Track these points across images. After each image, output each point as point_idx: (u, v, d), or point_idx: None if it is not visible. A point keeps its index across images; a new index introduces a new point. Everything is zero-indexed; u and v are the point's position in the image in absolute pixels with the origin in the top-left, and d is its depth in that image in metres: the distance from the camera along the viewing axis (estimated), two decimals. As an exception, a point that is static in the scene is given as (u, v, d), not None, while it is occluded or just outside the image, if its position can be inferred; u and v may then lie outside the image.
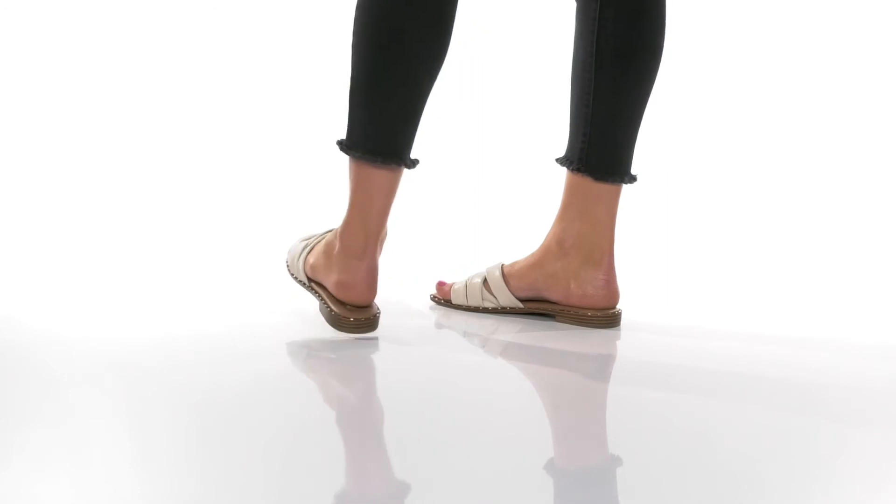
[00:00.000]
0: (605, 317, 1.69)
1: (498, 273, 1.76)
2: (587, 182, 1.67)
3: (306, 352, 1.60)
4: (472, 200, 2.58)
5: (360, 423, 1.33)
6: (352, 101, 1.60)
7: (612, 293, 1.70)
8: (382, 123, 1.59)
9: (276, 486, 1.08)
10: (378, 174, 1.60)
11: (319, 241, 1.71)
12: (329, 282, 1.65)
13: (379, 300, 1.66)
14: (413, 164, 1.62)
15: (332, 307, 1.63)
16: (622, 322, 1.71)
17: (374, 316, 1.63)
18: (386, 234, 1.74)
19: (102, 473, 1.11)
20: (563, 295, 1.70)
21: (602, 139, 1.66)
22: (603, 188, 1.67)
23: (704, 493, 1.08)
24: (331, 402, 1.41)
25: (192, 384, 1.41)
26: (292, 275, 1.75)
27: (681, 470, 1.14)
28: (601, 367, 1.57)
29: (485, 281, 1.77)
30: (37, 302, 1.86)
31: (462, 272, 1.85)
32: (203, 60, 3.07)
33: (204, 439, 1.21)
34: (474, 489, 1.10)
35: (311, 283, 1.70)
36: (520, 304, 1.74)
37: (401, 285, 1.89)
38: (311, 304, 1.80)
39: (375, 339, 1.63)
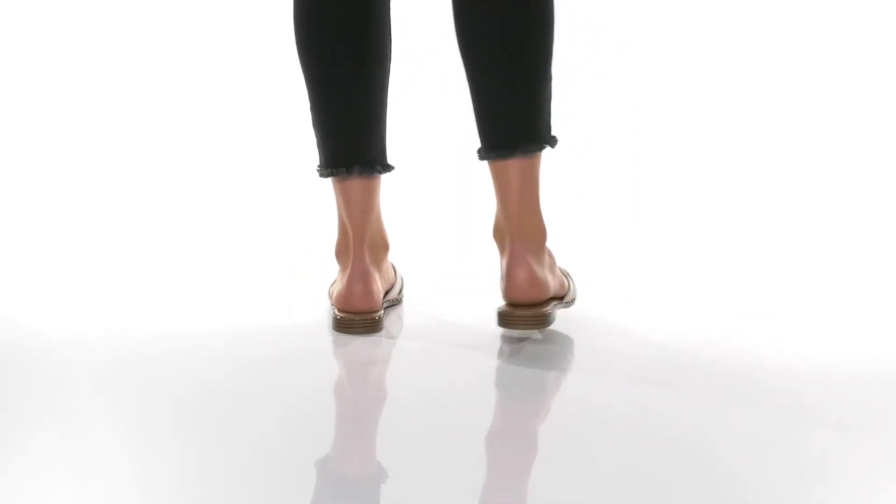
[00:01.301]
0: (512, 316, 1.56)
1: None
2: (487, 165, 1.61)
3: (305, 350, 1.60)
4: (471, 198, 2.58)
5: (354, 418, 1.33)
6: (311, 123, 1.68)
7: (511, 285, 1.56)
8: (328, 138, 1.65)
9: (274, 484, 1.08)
10: (345, 186, 1.65)
11: None
12: (333, 297, 1.69)
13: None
14: (381, 169, 1.66)
15: (335, 314, 1.66)
16: (613, 323, 1.68)
17: (374, 318, 1.64)
18: (385, 244, 1.74)
19: (103, 473, 1.11)
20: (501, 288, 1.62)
21: (480, 119, 1.60)
22: (496, 166, 1.59)
23: (703, 495, 1.08)
24: (325, 397, 1.41)
25: (192, 383, 1.41)
26: None
27: (677, 472, 1.14)
28: (600, 369, 1.56)
29: None
30: (37, 302, 1.86)
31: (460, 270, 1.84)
32: (205, 62, 3.06)
33: (203, 438, 1.21)
34: (468, 487, 1.10)
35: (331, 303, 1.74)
36: None
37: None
38: (311, 303, 1.80)
39: (374, 338, 1.63)
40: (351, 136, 1.65)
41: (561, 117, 1.67)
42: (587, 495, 1.07)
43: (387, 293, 1.78)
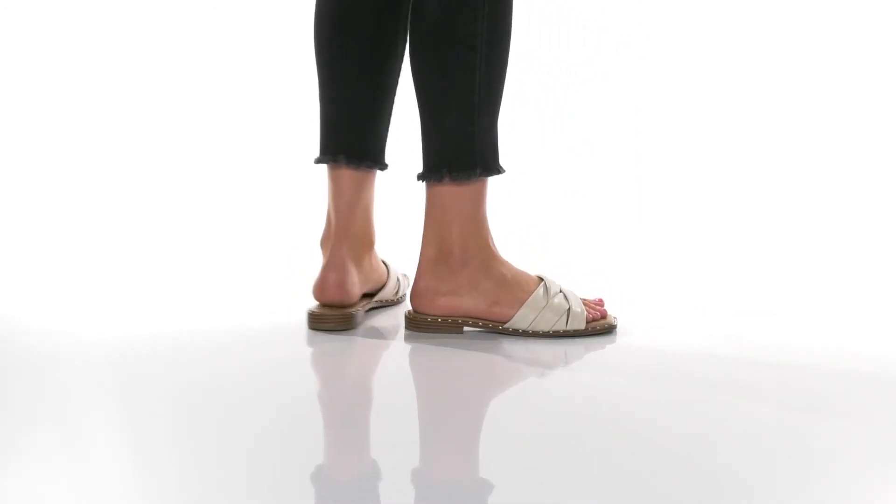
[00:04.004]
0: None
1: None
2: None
3: (305, 350, 1.60)
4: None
5: (353, 418, 1.33)
6: None
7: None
8: (325, 126, 1.69)
9: (274, 484, 1.08)
10: (335, 175, 1.68)
11: None
12: (312, 288, 1.71)
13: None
14: (371, 164, 1.68)
15: (311, 308, 1.67)
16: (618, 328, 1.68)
17: (346, 314, 1.65)
18: (369, 241, 1.74)
19: (102, 473, 1.12)
20: None
21: None
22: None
23: (703, 493, 1.09)
24: (325, 397, 1.41)
25: (192, 383, 1.41)
26: None
27: (678, 471, 1.14)
28: (600, 368, 1.57)
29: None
30: (37, 302, 1.86)
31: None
32: (204, 62, 3.07)
33: (203, 438, 1.21)
34: (468, 486, 1.10)
35: None
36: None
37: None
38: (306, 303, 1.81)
39: (375, 338, 1.63)
40: (346, 126, 1.67)
41: (561, 117, 1.67)
42: (588, 495, 1.07)
43: (374, 294, 1.78)
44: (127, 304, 1.85)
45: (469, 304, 1.62)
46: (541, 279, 1.65)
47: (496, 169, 1.62)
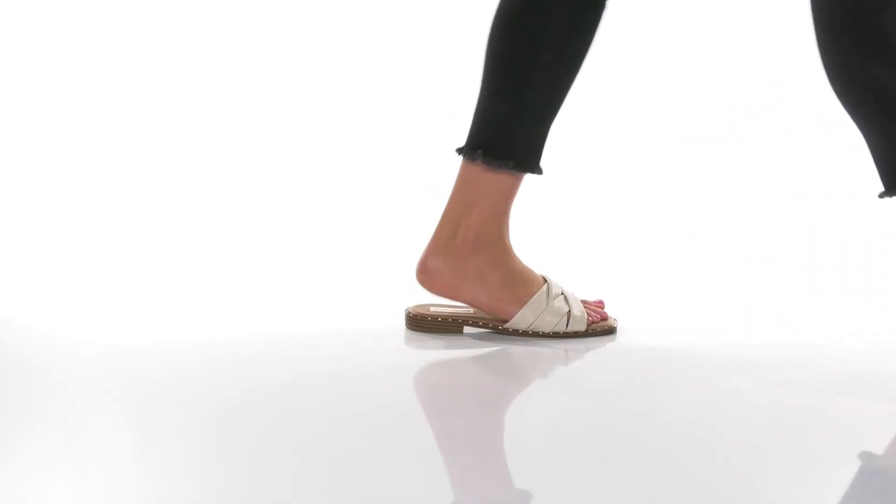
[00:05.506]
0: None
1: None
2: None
3: (298, 350, 1.60)
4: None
5: (359, 423, 1.33)
6: None
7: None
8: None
9: (277, 491, 1.08)
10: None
11: None
12: None
13: (373, 297, 1.70)
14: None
15: None
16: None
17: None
18: None
19: (102, 475, 1.12)
20: None
21: None
22: None
23: (703, 493, 1.09)
24: (325, 399, 1.41)
25: (194, 386, 1.41)
26: None
27: (677, 471, 1.14)
28: (599, 368, 1.57)
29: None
30: (37, 304, 1.86)
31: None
32: (203, 61, 3.07)
33: (205, 441, 1.21)
34: (461, 487, 1.10)
35: None
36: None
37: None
38: (319, 307, 1.79)
39: (375, 338, 1.63)
40: None
41: (562, 117, 1.66)
42: (589, 495, 1.07)
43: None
44: (129, 309, 1.85)
45: (471, 292, 1.60)
46: (545, 280, 1.64)
47: (531, 167, 1.60)
